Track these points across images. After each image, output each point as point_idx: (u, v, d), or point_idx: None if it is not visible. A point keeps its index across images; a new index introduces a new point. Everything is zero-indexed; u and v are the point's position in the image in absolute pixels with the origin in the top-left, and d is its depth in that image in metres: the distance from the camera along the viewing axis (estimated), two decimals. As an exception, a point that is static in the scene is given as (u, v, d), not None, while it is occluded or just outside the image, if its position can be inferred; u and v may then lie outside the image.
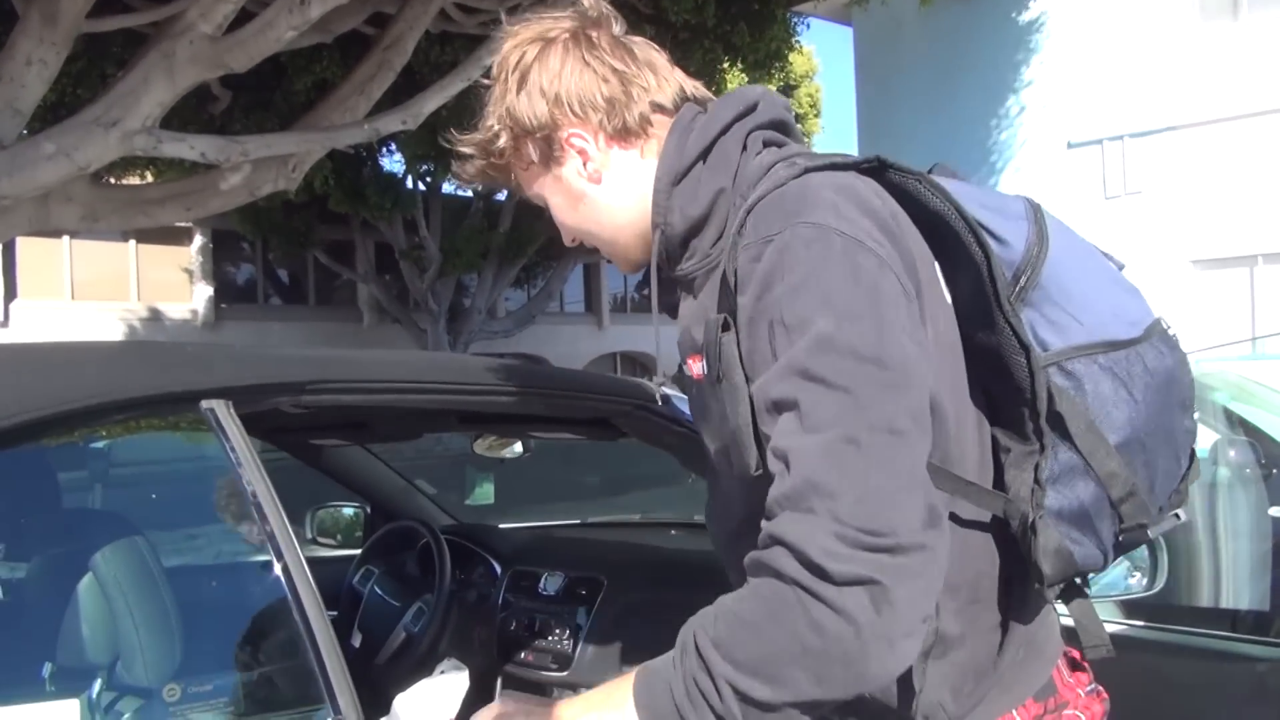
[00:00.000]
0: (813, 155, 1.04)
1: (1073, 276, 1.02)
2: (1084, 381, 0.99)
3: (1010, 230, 1.02)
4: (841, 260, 0.90)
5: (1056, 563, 0.98)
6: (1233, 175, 10.81)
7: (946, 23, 12.28)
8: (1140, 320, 1.04)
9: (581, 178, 1.10)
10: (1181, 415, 1.05)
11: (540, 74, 1.08)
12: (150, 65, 5.50)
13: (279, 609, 1.22)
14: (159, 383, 1.22)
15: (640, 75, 1.09)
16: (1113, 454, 0.98)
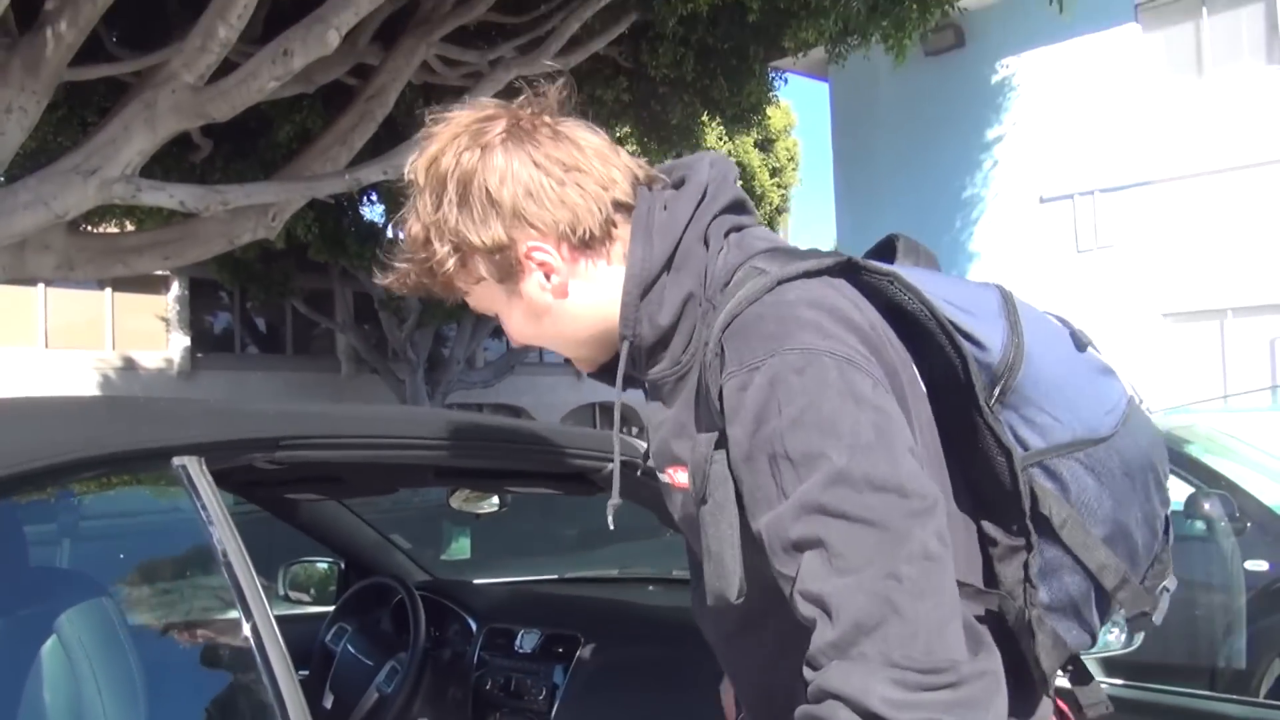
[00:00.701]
0: (781, 257, 1.00)
1: (1050, 375, 0.99)
2: (1067, 480, 0.98)
3: (986, 332, 0.98)
4: (838, 385, 0.87)
5: (1053, 655, 0.99)
6: (1203, 229, 11.01)
7: (921, 80, 12.53)
8: (1117, 406, 1.02)
9: (545, 291, 1.03)
10: (1158, 492, 1.05)
11: (485, 181, 0.98)
12: (131, 114, 5.51)
13: (248, 670, 1.20)
14: (130, 439, 1.21)
15: (593, 169, 1.01)
16: (1099, 546, 0.98)
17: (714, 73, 8.38)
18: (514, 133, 1.00)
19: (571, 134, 1.02)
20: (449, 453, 1.56)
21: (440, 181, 1.00)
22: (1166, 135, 11.29)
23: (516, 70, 7.15)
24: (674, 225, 1.00)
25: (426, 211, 1.01)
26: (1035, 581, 0.97)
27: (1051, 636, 0.98)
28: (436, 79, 7.46)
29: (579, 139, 1.02)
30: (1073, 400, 0.99)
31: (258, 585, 1.22)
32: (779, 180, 18.40)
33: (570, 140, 1.01)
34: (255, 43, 5.95)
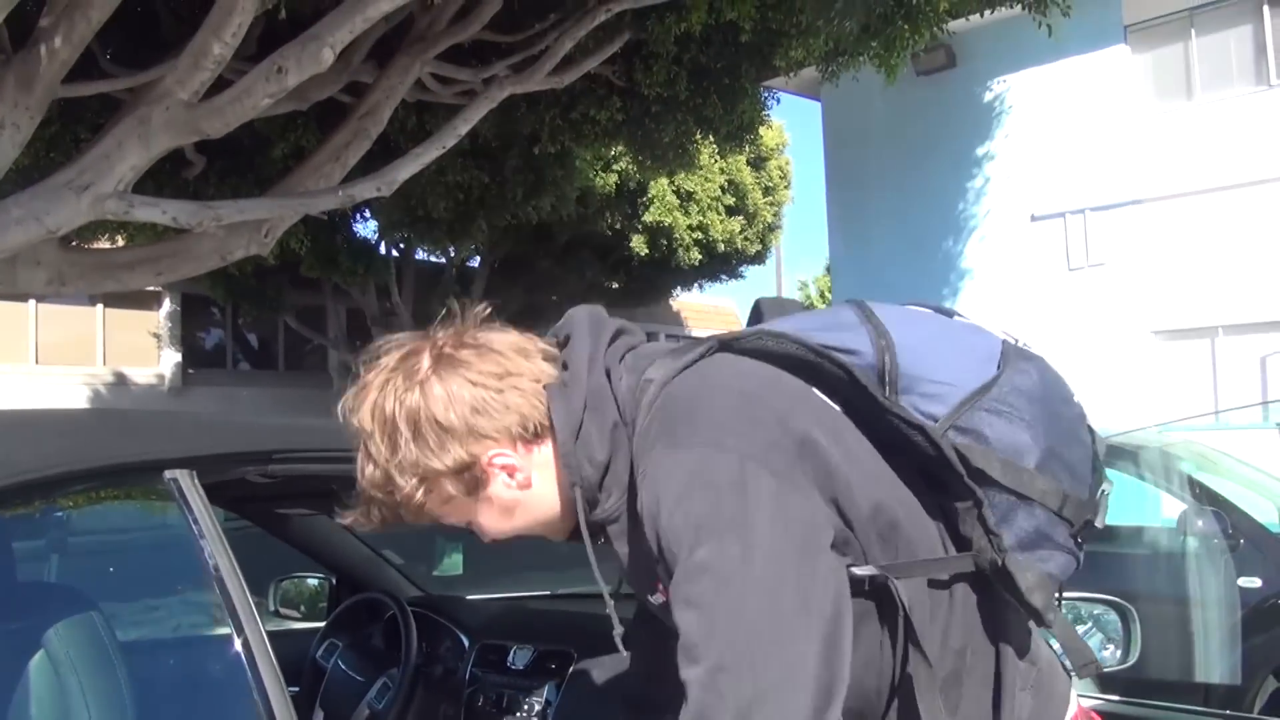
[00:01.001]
0: (665, 363, 1.08)
1: (923, 351, 1.10)
2: (981, 430, 1.07)
3: (853, 340, 1.09)
4: (700, 482, 0.95)
5: (1042, 591, 1.06)
6: (1193, 248, 11.08)
7: (913, 99, 12.60)
8: (992, 353, 1.12)
9: (512, 489, 1.11)
10: (1067, 407, 1.14)
11: (433, 414, 1.05)
12: (125, 130, 5.51)
13: (238, 686, 1.19)
14: (122, 452, 1.20)
15: (521, 368, 1.09)
16: (1035, 476, 1.06)
17: (707, 92, 8.41)
18: (441, 361, 1.08)
19: (491, 343, 1.11)
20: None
21: (390, 424, 1.06)
22: (1156, 155, 11.38)
23: (510, 88, 7.17)
24: (578, 373, 1.10)
25: (383, 455, 1.07)
26: (996, 529, 1.05)
27: (1034, 572, 1.06)
28: (430, 96, 7.48)
29: (498, 345, 1.11)
30: (951, 363, 1.10)
31: (249, 600, 1.22)
32: (772, 198, 18.46)
33: (492, 350, 1.10)
34: (250, 60, 5.95)
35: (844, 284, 14.02)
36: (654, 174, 12.88)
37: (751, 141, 10.60)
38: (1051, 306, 11.86)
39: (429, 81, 7.21)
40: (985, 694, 1.09)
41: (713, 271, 18.54)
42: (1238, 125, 10.90)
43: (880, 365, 1.07)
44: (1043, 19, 7.56)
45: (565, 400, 1.08)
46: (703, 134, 9.27)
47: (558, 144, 8.87)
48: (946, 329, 1.16)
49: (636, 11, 7.07)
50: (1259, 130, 10.74)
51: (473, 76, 7.24)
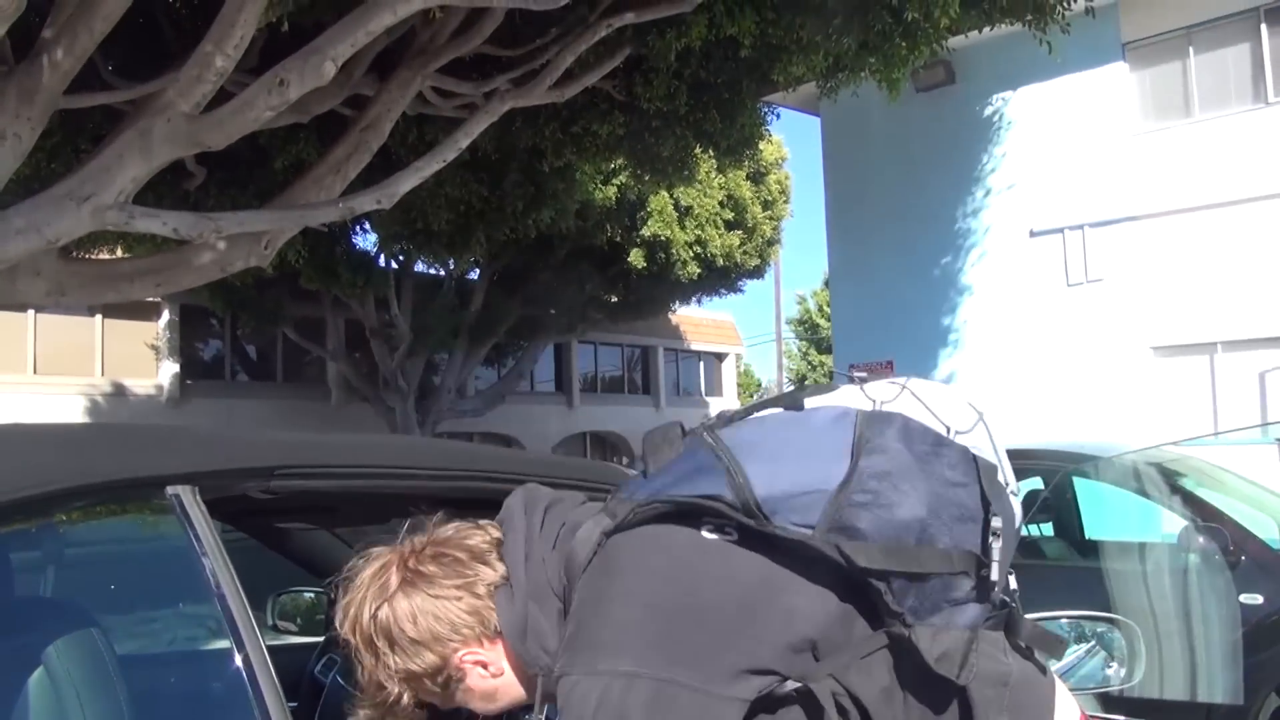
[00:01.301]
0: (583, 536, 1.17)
1: (778, 472, 1.13)
2: (855, 525, 1.09)
3: (711, 485, 1.13)
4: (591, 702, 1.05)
5: (949, 659, 1.08)
6: (1192, 264, 11.10)
7: (912, 115, 12.65)
8: (844, 444, 1.14)
9: (487, 679, 1.22)
10: (939, 458, 1.14)
11: (403, 626, 1.18)
12: (126, 142, 5.52)
13: (239, 702, 1.18)
14: (123, 467, 1.20)
15: (479, 572, 1.21)
16: (919, 551, 1.09)
17: (707, 106, 8.44)
18: (407, 575, 1.20)
19: (452, 549, 1.22)
20: (445, 483, 1.55)
21: (369, 638, 1.19)
22: (1155, 171, 11.42)
23: (511, 102, 7.19)
24: (516, 574, 1.20)
25: (370, 665, 1.20)
26: (896, 606, 1.09)
27: (941, 640, 1.08)
28: (431, 110, 7.50)
29: (458, 552, 1.22)
30: (808, 471, 1.13)
31: (250, 616, 1.21)
32: (771, 213, 18.50)
33: (452, 557, 1.21)
34: (251, 73, 5.97)
35: (842, 298, 14.04)
36: (653, 188, 12.92)
37: (751, 156, 10.63)
38: (1050, 322, 11.88)
39: (430, 95, 7.23)
40: None
41: (711, 285, 18.57)
42: (1236, 142, 10.94)
43: (743, 502, 1.11)
44: (1042, 36, 7.60)
45: (508, 605, 1.19)
46: (702, 148, 9.30)
47: (559, 158, 8.89)
48: (799, 432, 1.17)
49: (637, 27, 7.10)
50: (1257, 147, 10.78)
51: (474, 90, 7.26)
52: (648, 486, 1.17)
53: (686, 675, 1.05)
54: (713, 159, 10.98)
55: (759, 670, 1.08)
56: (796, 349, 33.47)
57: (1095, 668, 1.95)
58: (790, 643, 1.10)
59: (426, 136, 7.90)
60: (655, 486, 1.16)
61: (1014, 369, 11.99)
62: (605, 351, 25.23)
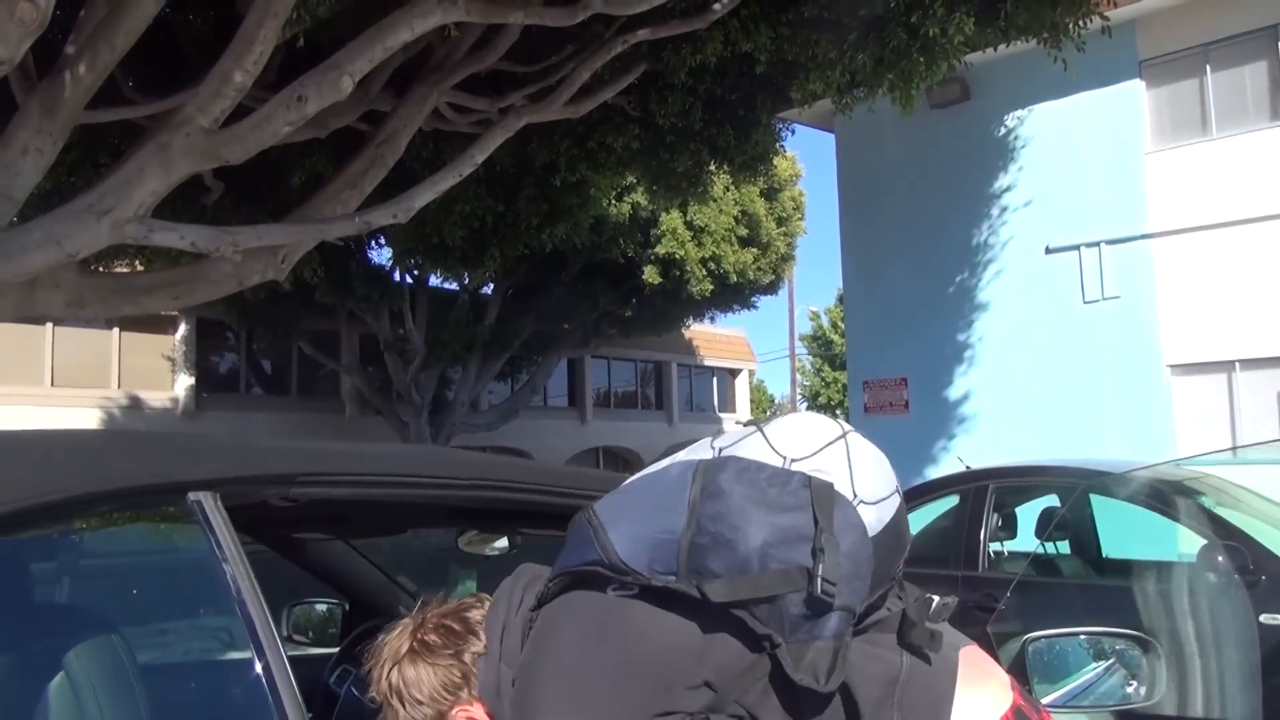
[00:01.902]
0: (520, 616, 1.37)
1: (635, 530, 1.27)
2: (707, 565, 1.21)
3: (587, 554, 1.28)
4: None
5: (811, 671, 1.18)
6: (1209, 282, 11.04)
7: (927, 132, 12.65)
8: (681, 495, 1.26)
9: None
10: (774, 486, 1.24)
11: (409, 690, 1.40)
12: (146, 156, 5.56)
13: (259, 710, 1.18)
14: (145, 473, 1.20)
15: (468, 642, 1.40)
16: (761, 578, 1.19)
17: (721, 122, 8.47)
18: (414, 646, 1.42)
19: (451, 621, 1.43)
20: (464, 493, 1.55)
21: (387, 696, 1.42)
22: (1172, 189, 11.38)
23: (527, 117, 7.23)
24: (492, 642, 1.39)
25: (392, 715, 1.42)
26: (762, 630, 1.20)
27: (808, 654, 1.19)
28: (447, 125, 7.55)
29: (455, 624, 1.43)
30: (658, 526, 1.26)
31: (270, 623, 1.21)
32: (785, 229, 18.50)
33: (449, 629, 1.42)
34: (270, 88, 6.02)
35: (856, 314, 14.01)
36: (668, 203, 12.93)
37: (765, 172, 10.63)
38: (1066, 340, 11.82)
39: (446, 110, 7.28)
40: None
41: (725, 302, 18.56)
42: (1254, 160, 10.90)
43: (611, 563, 1.25)
44: (1058, 53, 7.59)
45: (485, 671, 1.38)
46: (717, 164, 9.32)
47: (573, 173, 8.92)
48: (650, 491, 1.32)
49: (652, 43, 7.13)
50: (1275, 164, 10.73)
51: (489, 106, 7.30)
52: (560, 561, 1.34)
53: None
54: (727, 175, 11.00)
55: (669, 712, 1.21)
56: (810, 365, 33.40)
57: (1115, 685, 1.93)
58: (691, 685, 1.22)
59: (442, 152, 7.94)
60: (559, 562, 1.34)
61: (1030, 386, 11.93)
62: (618, 366, 25.24)
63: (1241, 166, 10.93)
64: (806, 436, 1.29)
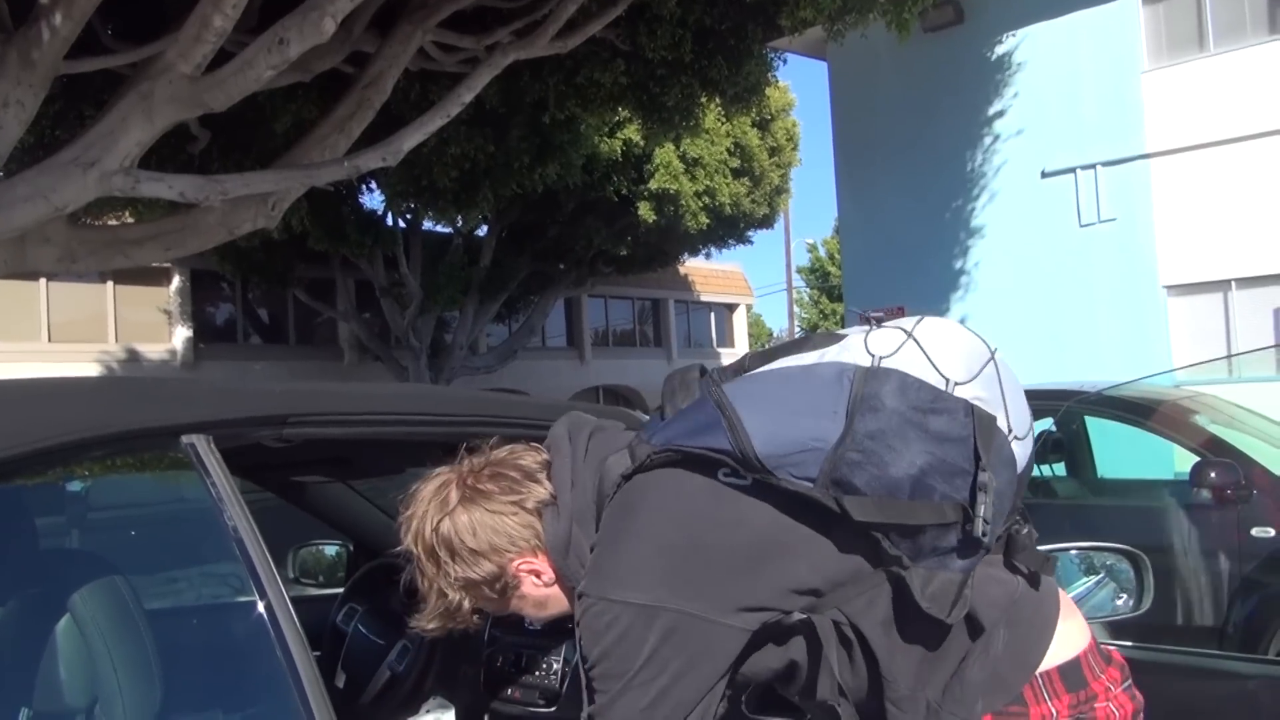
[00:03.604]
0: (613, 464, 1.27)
1: (778, 430, 1.18)
2: (851, 480, 1.15)
3: (718, 439, 1.19)
4: (600, 627, 1.17)
5: (939, 598, 1.16)
6: (1205, 202, 10.97)
7: (920, 57, 12.46)
8: (840, 402, 1.18)
9: (540, 586, 1.33)
10: (935, 414, 1.17)
11: (463, 538, 1.28)
12: (128, 106, 5.50)
13: (263, 648, 1.20)
14: (138, 418, 1.21)
15: (531, 491, 1.31)
16: (913, 506, 1.15)
17: (712, 54, 8.34)
18: (466, 492, 1.30)
19: (507, 470, 1.32)
20: (457, 429, 1.56)
21: (431, 549, 1.29)
22: (1168, 108, 11.25)
23: (514, 54, 7.11)
24: (562, 497, 1.30)
25: (430, 572, 1.31)
26: (894, 551, 1.17)
27: (934, 582, 1.17)
28: (433, 65, 7.43)
29: (512, 472, 1.32)
30: (805, 428, 1.18)
31: (270, 562, 1.23)
32: (778, 160, 18.33)
33: (508, 477, 1.31)
34: (251, 32, 5.92)
35: (853, 245, 13.96)
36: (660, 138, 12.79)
37: (757, 103, 10.50)
38: (1063, 264, 11.79)
39: (432, 50, 7.16)
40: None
41: (720, 236, 18.46)
42: (1251, 76, 10.75)
43: (744, 457, 1.17)
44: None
45: (553, 524, 1.29)
46: (708, 96, 9.20)
47: (563, 110, 8.81)
48: (798, 390, 1.22)
49: (639, -27, 6.99)
50: (1273, 80, 10.59)
51: (475, 44, 7.18)
52: (663, 432, 1.24)
53: (692, 606, 1.15)
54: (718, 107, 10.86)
55: (760, 608, 1.18)
56: (808, 297, 33.35)
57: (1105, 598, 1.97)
58: (792, 587, 1.19)
59: (430, 93, 7.83)
60: (669, 434, 1.23)
61: (1026, 311, 11.94)
62: (615, 305, 25.21)
63: (1239, 82, 10.79)
64: (965, 356, 1.22)
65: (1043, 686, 1.19)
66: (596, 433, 1.35)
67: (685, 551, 1.18)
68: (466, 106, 7.17)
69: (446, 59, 7.36)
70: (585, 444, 1.33)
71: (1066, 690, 1.19)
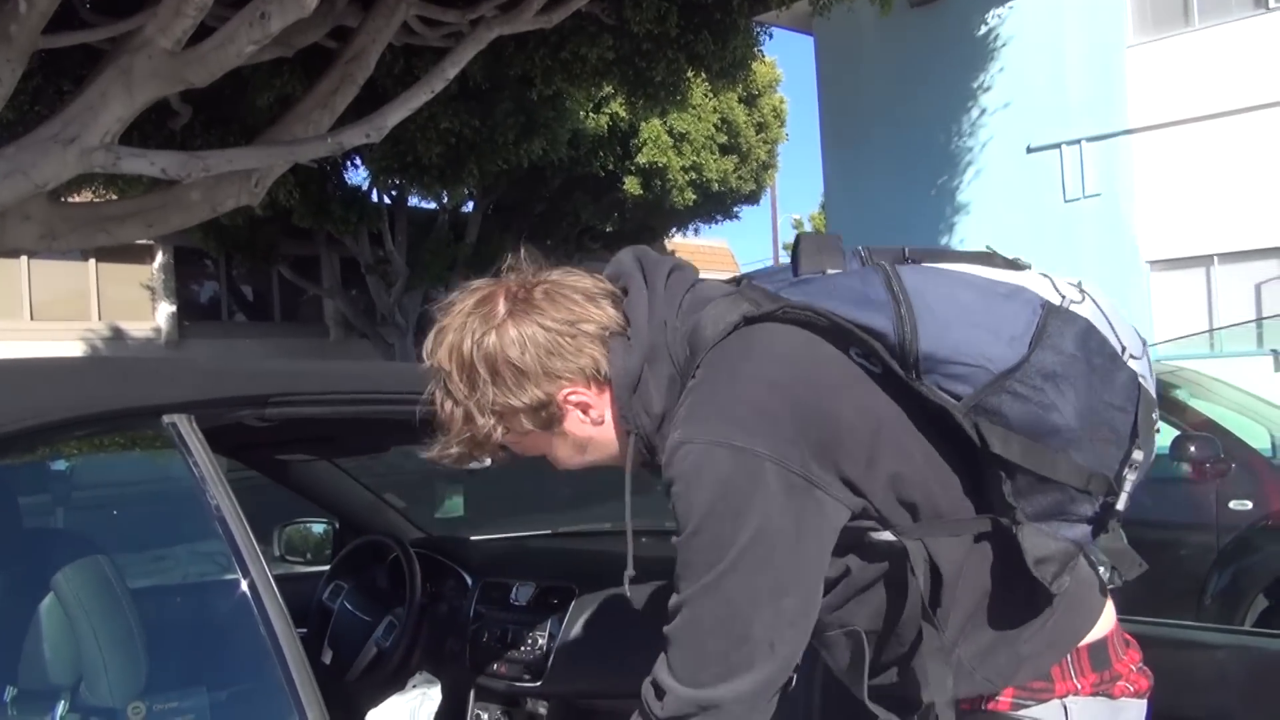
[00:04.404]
0: (715, 310, 1.14)
1: (950, 332, 1.09)
2: (1004, 411, 1.07)
3: (879, 320, 1.09)
4: (708, 474, 1.04)
5: (1052, 563, 1.10)
6: (1189, 177, 11.00)
7: (907, 31, 12.42)
8: (1027, 328, 1.10)
9: (586, 424, 1.18)
10: (1109, 376, 1.12)
11: (509, 356, 1.12)
12: (108, 81, 5.43)
13: (246, 625, 1.21)
14: (119, 398, 1.21)
15: (590, 315, 1.15)
16: (1058, 458, 1.08)
17: (698, 28, 8.28)
18: (516, 305, 1.14)
19: (561, 289, 1.16)
20: (439, 407, 1.56)
21: (469, 365, 1.13)
22: (1153, 83, 11.25)
23: (498, 29, 7.05)
24: (638, 328, 1.16)
25: (462, 394, 1.14)
26: (1013, 501, 1.09)
27: (1048, 545, 1.10)
28: (417, 40, 7.36)
29: (568, 291, 1.16)
30: (978, 343, 1.09)
31: (253, 540, 1.24)
32: (765, 136, 18.26)
33: (563, 295, 1.16)
34: (232, 6, 5.85)
35: (839, 220, 13.95)
36: (646, 114, 12.73)
37: (744, 78, 10.45)
38: (1047, 239, 11.82)
39: (415, 24, 7.09)
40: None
41: (707, 212, 18.41)
42: (1236, 51, 10.76)
43: (901, 347, 1.08)
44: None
45: (624, 355, 1.14)
46: (695, 71, 9.14)
47: (549, 85, 8.75)
48: (980, 301, 1.12)
49: (624, -54, 6.94)
50: (1257, 55, 10.60)
51: (460, 18, 7.11)
52: (802, 289, 1.14)
53: (800, 464, 1.05)
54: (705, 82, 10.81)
55: (862, 493, 1.09)
56: (794, 274, 33.32)
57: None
58: (898, 491, 1.10)
59: (414, 68, 7.76)
60: (816, 297, 1.12)
61: (1011, 287, 11.96)
62: (603, 282, 25.17)
63: (1223, 57, 10.80)
64: (1130, 331, 1.16)
65: (1070, 664, 1.17)
66: (677, 270, 1.21)
67: (805, 407, 1.07)
68: (451, 82, 7.12)
69: (430, 33, 7.29)
70: (665, 278, 1.18)
71: (1093, 669, 1.17)
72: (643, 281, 1.18)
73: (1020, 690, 1.16)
